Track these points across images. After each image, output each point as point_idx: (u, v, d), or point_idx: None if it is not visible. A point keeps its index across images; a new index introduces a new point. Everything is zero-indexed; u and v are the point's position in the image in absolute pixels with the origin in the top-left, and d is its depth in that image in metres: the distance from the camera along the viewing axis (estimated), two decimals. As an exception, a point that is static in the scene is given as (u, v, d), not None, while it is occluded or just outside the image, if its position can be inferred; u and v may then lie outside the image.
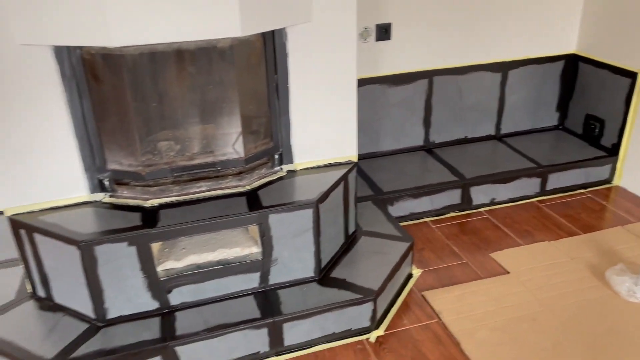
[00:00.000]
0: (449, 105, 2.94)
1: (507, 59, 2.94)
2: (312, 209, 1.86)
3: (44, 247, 1.77)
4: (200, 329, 1.76)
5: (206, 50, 1.77)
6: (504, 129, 3.12)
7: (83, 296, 1.78)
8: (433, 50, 2.79)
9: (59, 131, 1.76)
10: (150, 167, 1.85)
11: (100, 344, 1.72)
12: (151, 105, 1.83)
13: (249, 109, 1.91)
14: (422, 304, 2.10)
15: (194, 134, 1.96)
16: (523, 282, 2.15)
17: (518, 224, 2.60)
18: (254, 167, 1.99)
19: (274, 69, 1.88)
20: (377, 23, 2.65)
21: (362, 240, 2.21)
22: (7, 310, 1.88)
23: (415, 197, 2.61)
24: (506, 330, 1.92)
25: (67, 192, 1.84)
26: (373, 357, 1.86)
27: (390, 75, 2.77)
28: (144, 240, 1.72)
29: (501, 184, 2.73)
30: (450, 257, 2.36)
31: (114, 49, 1.65)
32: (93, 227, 1.73)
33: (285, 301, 1.88)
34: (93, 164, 1.83)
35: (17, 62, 1.63)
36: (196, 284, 1.84)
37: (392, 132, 2.90)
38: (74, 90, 1.72)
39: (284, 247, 1.89)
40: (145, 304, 1.81)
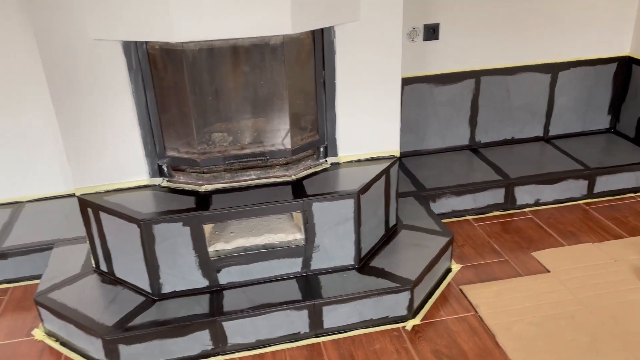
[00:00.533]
0: (496, 105, 2.96)
1: (557, 60, 2.92)
2: (353, 199, 1.95)
3: (108, 224, 1.94)
4: (245, 306, 1.89)
5: (259, 46, 1.89)
6: (552, 130, 3.10)
7: (141, 271, 1.94)
8: (481, 51, 2.82)
9: (125, 120, 1.92)
10: (204, 155, 1.99)
11: (155, 316, 1.87)
12: (207, 98, 1.97)
13: (297, 103, 2.02)
14: (460, 297, 2.14)
15: (245, 126, 2.08)
16: (563, 281, 2.16)
17: (562, 225, 2.59)
18: (300, 158, 2.10)
19: (321, 65, 1.98)
20: (425, 23, 2.71)
21: (402, 233, 2.28)
22: (73, 282, 2.06)
23: (458, 194, 2.64)
24: (543, 325, 1.94)
25: (130, 176, 2.00)
26: (408, 344, 1.93)
27: (437, 75, 2.82)
28: (197, 222, 1.86)
29: (547, 185, 2.72)
30: (490, 254, 2.39)
31: (176, 44, 1.80)
32: (152, 207, 1.89)
33: (325, 286, 1.97)
34: (154, 151, 1.99)
35: (90, 56, 1.81)
36: (243, 265, 1.97)
37: (437, 130, 2.95)
38: (139, 82, 1.88)
39: (326, 235, 1.99)
40: (196, 281, 1.95)
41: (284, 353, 1.91)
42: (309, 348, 1.93)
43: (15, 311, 2.16)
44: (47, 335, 2.02)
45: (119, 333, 1.80)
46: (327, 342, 1.95)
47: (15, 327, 2.08)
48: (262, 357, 1.90)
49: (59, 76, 1.82)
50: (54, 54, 1.79)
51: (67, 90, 1.84)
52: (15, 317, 2.13)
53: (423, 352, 1.89)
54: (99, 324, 1.84)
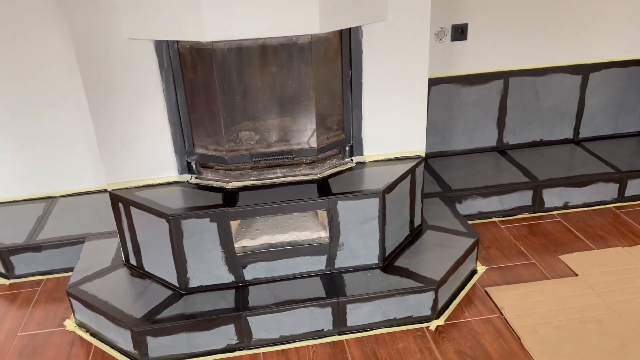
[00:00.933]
0: (524, 106, 2.93)
1: (588, 61, 2.88)
2: (378, 198, 1.96)
3: (138, 219, 1.99)
4: (270, 302, 1.91)
5: (287, 46, 1.92)
6: (582, 133, 3.05)
7: (169, 266, 1.98)
8: (510, 51, 2.79)
9: (156, 117, 1.97)
10: (232, 153, 2.02)
11: (182, 309, 1.91)
12: (235, 97, 2.00)
13: (323, 102, 2.04)
14: (485, 299, 2.13)
15: (272, 125, 2.11)
16: (591, 285, 2.13)
17: (591, 228, 2.55)
18: (325, 157, 2.12)
19: (348, 64, 2.00)
20: (453, 23, 2.70)
21: (427, 233, 2.27)
22: (104, 275, 2.12)
23: (485, 196, 2.62)
24: (570, 329, 1.92)
25: (160, 172, 2.05)
26: (432, 344, 1.93)
27: (464, 75, 2.81)
28: (224, 218, 1.89)
29: (576, 188, 2.68)
30: (517, 257, 2.37)
31: (206, 43, 1.84)
32: (181, 203, 1.93)
33: (349, 284, 1.98)
34: (183, 148, 2.04)
35: (123, 55, 1.86)
36: (268, 262, 1.99)
37: (464, 131, 2.93)
38: (169, 81, 1.92)
39: (350, 233, 2.00)
40: (222, 276, 1.99)
41: (307, 349, 1.93)
42: (332, 345, 1.94)
43: (48, 302, 2.24)
44: (78, 326, 2.08)
45: (147, 325, 1.84)
46: (350, 340, 1.96)
47: (47, 318, 2.15)
48: (285, 353, 1.92)
49: (94, 75, 1.88)
50: (90, 54, 1.85)
51: (101, 89, 1.90)
52: (48, 308, 2.20)
53: (447, 353, 1.88)
54: (128, 316, 1.89)
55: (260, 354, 1.92)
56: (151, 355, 1.89)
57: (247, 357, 1.91)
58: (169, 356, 1.90)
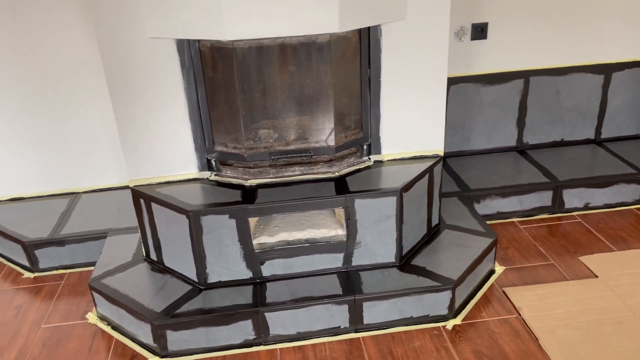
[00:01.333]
0: (545, 106, 2.90)
1: (610, 60, 2.84)
2: (395, 197, 1.96)
3: (158, 215, 2.02)
4: (287, 299, 1.93)
5: (306, 45, 1.94)
6: (604, 133, 3.01)
7: (188, 261, 2.02)
8: (530, 50, 2.77)
9: (177, 115, 2.00)
10: (251, 151, 2.04)
11: (201, 304, 1.94)
12: (255, 95, 2.02)
13: (342, 101, 2.05)
14: (503, 299, 2.12)
15: (291, 123, 2.13)
16: (611, 287, 2.10)
17: (613, 230, 2.51)
18: (343, 155, 2.13)
19: (367, 63, 2.01)
20: (473, 22, 2.68)
21: (444, 232, 2.27)
22: (125, 269, 2.16)
23: (503, 196, 2.61)
24: (588, 330, 1.90)
25: (180, 169, 2.09)
26: (449, 343, 1.92)
27: (484, 75, 2.79)
28: (242, 214, 1.91)
29: (597, 189, 2.65)
30: (535, 257, 2.35)
31: (226, 42, 1.86)
32: (200, 200, 1.96)
33: (366, 282, 1.99)
34: (203, 146, 2.07)
35: (146, 54, 1.90)
36: (286, 258, 2.01)
37: (483, 131, 2.91)
38: (190, 79, 1.96)
39: (368, 231, 2.01)
40: (240, 272, 2.01)
41: (323, 346, 1.94)
42: (349, 342, 1.95)
43: (71, 295, 2.29)
44: (99, 319, 2.13)
45: (167, 319, 1.88)
46: (366, 337, 1.97)
47: (70, 311, 2.20)
48: (302, 349, 1.94)
49: (118, 74, 1.92)
50: (114, 53, 1.89)
51: (125, 87, 1.94)
52: (71, 301, 2.25)
53: (463, 352, 1.88)
54: (148, 310, 1.92)
55: (277, 349, 1.94)
56: (170, 349, 1.92)
57: (264, 353, 1.93)
58: (188, 350, 1.93)
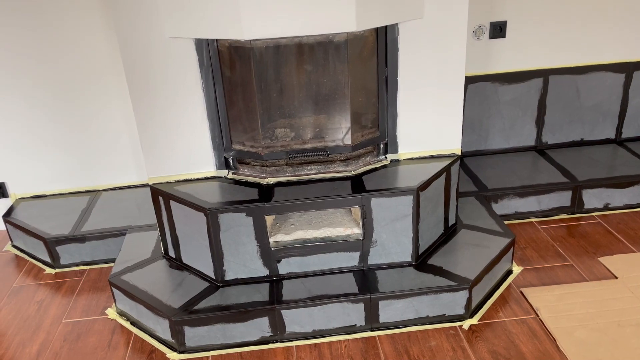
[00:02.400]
0: (564, 105, 2.87)
1: (632, 59, 2.80)
2: (412, 196, 1.96)
3: (177, 212, 2.05)
4: (303, 296, 1.94)
5: (323, 44, 1.94)
6: (625, 132, 2.97)
7: (206, 258, 2.04)
8: (550, 49, 2.74)
9: (195, 114, 2.03)
10: (268, 149, 2.06)
11: (218, 301, 1.96)
12: (272, 95, 2.04)
13: (359, 100, 2.06)
14: (520, 299, 2.10)
15: (308, 122, 2.14)
16: (631, 288, 2.07)
17: (633, 230, 2.48)
18: (360, 154, 2.13)
19: (384, 62, 2.01)
20: (491, 21, 2.67)
21: (461, 232, 2.26)
22: (144, 266, 2.19)
23: (522, 196, 2.59)
24: (607, 332, 1.88)
25: (198, 167, 2.11)
26: (465, 343, 1.92)
27: (502, 73, 2.77)
28: (259, 212, 1.93)
29: (617, 189, 2.61)
30: (554, 258, 2.33)
31: (244, 42, 1.88)
32: (218, 198, 1.98)
33: (382, 281, 2.00)
34: (221, 144, 2.09)
35: (165, 53, 1.92)
36: (302, 256, 2.03)
37: (501, 130, 2.89)
38: (209, 78, 1.98)
39: (384, 230, 2.01)
40: (257, 270, 2.03)
41: (339, 344, 1.95)
42: (365, 341, 1.96)
43: (91, 291, 2.33)
44: (119, 314, 2.16)
45: (185, 315, 1.90)
46: (382, 336, 1.97)
47: (90, 306, 2.24)
48: (318, 347, 1.95)
49: (138, 73, 1.95)
50: (133, 52, 1.92)
51: (144, 86, 1.97)
52: (91, 297, 2.29)
53: (480, 352, 1.87)
54: (166, 306, 1.95)
55: (293, 347, 1.96)
56: (188, 345, 1.95)
57: (281, 350, 1.95)
58: (205, 346, 1.95)
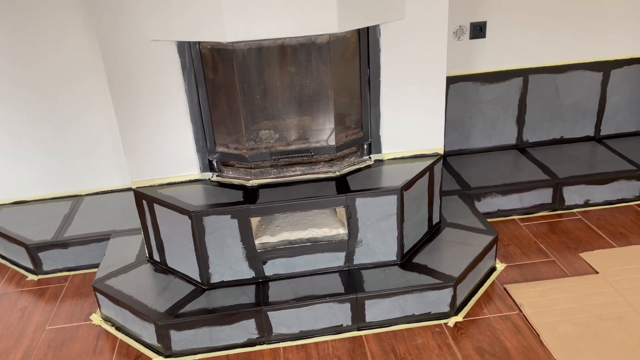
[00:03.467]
0: (544, 104, 2.91)
1: (609, 58, 2.85)
2: (396, 195, 1.98)
3: (161, 216, 2.04)
4: (290, 298, 1.94)
5: (306, 45, 1.95)
6: (604, 130, 3.02)
7: (191, 262, 2.03)
8: (529, 49, 2.79)
9: (178, 116, 2.02)
10: (252, 151, 2.06)
11: (204, 304, 1.95)
12: (255, 96, 2.04)
13: (342, 101, 2.07)
14: (504, 296, 2.13)
15: (292, 124, 2.14)
16: (612, 283, 2.11)
17: (613, 226, 2.52)
18: (344, 155, 2.14)
19: (366, 63, 2.02)
20: (472, 21, 2.70)
21: (445, 230, 2.28)
22: (128, 270, 2.18)
23: (504, 194, 2.62)
24: (589, 326, 1.91)
25: (182, 170, 2.10)
26: (450, 340, 1.94)
27: (483, 73, 2.80)
28: (244, 214, 1.93)
29: (597, 186, 2.66)
30: (536, 254, 2.36)
31: (227, 44, 1.88)
32: (202, 200, 1.98)
33: (367, 280, 2.01)
34: (204, 147, 2.08)
35: (147, 55, 1.91)
36: (288, 258, 2.03)
37: (483, 129, 2.93)
38: (191, 81, 1.97)
39: (369, 230, 2.02)
40: (243, 272, 2.03)
41: (326, 344, 1.96)
42: (351, 340, 1.96)
43: (75, 297, 2.30)
44: (103, 320, 2.14)
45: (171, 319, 1.89)
46: (369, 335, 1.98)
47: (74, 312, 2.21)
48: (305, 347, 1.95)
49: (119, 76, 1.93)
50: (115, 55, 1.90)
51: (126, 89, 1.96)
52: (75, 303, 2.27)
53: (465, 349, 1.89)
54: (152, 310, 1.94)
55: (280, 348, 1.96)
56: (174, 349, 1.94)
57: (268, 352, 1.95)
58: (192, 350, 1.94)
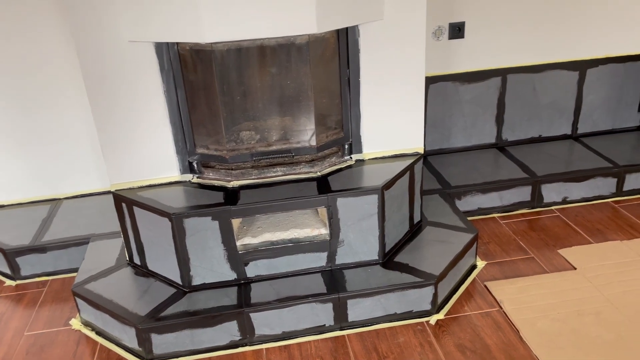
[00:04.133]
0: (523, 103, 2.95)
1: (585, 57, 2.90)
2: (377, 195, 1.99)
3: (141, 219, 2.02)
4: (272, 299, 1.94)
5: (285, 46, 1.95)
6: (581, 128, 3.08)
7: (172, 264, 2.01)
8: (507, 49, 2.82)
9: (157, 118, 2.00)
10: (233, 152, 2.05)
11: (186, 306, 1.94)
12: (235, 97, 2.03)
13: (322, 101, 2.07)
14: (484, 293, 2.15)
15: (272, 124, 2.14)
16: (589, 278, 2.15)
17: (590, 222, 2.57)
18: (325, 155, 2.15)
19: (346, 63, 2.03)
20: (450, 22, 2.72)
21: (426, 229, 2.30)
22: (108, 274, 2.15)
23: (484, 192, 2.65)
24: (568, 322, 1.94)
25: (162, 172, 2.09)
26: (432, 338, 1.95)
27: (462, 73, 2.83)
28: (225, 216, 1.92)
29: (574, 183, 2.70)
30: (516, 252, 2.39)
31: (205, 45, 1.87)
32: (183, 202, 1.96)
33: (349, 280, 2.01)
34: (184, 148, 2.07)
35: (124, 57, 1.90)
36: (270, 259, 2.02)
37: (463, 129, 2.96)
38: (170, 82, 1.96)
39: (350, 230, 2.03)
40: (224, 274, 2.02)
41: (309, 345, 1.96)
42: (334, 340, 1.97)
43: (54, 302, 2.27)
44: (83, 324, 2.11)
45: (152, 322, 1.88)
46: (351, 334, 1.99)
47: (53, 317, 2.18)
48: (288, 348, 1.95)
49: (97, 78, 1.91)
50: (92, 57, 1.88)
51: (104, 91, 1.93)
52: (54, 308, 2.24)
53: (447, 346, 1.91)
54: (132, 314, 1.92)
55: (263, 349, 1.95)
56: (156, 352, 1.92)
57: (250, 353, 1.94)
58: (173, 353, 1.93)
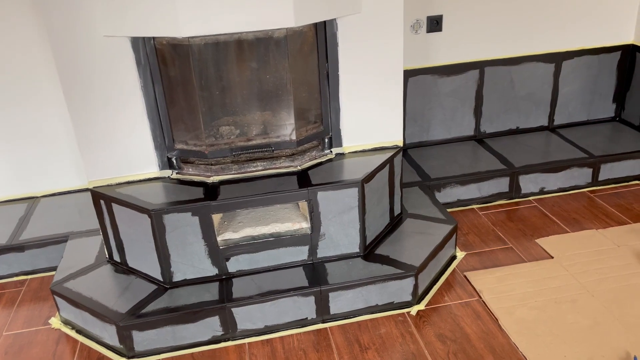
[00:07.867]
0: (500, 95, 2.98)
1: (561, 49, 2.94)
2: (357, 188, 2.00)
3: (120, 216, 2.00)
4: (254, 293, 1.94)
5: (263, 40, 1.94)
6: (557, 120, 3.12)
7: (152, 261, 2.00)
8: (484, 41, 2.85)
9: (135, 114, 1.98)
10: (212, 147, 2.04)
11: (167, 303, 1.93)
12: (214, 92, 2.02)
13: (301, 95, 2.07)
14: (464, 283, 2.18)
15: (252, 119, 2.13)
16: (566, 267, 2.19)
17: (567, 212, 2.62)
18: (305, 149, 2.15)
19: (325, 57, 2.03)
20: (428, 15, 2.74)
21: (407, 221, 2.32)
22: (88, 272, 2.13)
23: (463, 184, 2.68)
24: (545, 309, 1.98)
25: (140, 168, 2.07)
26: (413, 328, 1.97)
27: (441, 66, 2.85)
28: (205, 211, 1.91)
29: (551, 174, 2.75)
30: (494, 242, 2.43)
31: (182, 39, 1.85)
32: (162, 198, 1.95)
33: (331, 273, 2.02)
34: (163, 144, 2.05)
35: (100, 52, 1.87)
36: (251, 253, 2.02)
37: (442, 121, 2.98)
38: (147, 77, 1.94)
39: (331, 223, 2.04)
40: (205, 269, 2.01)
41: (291, 338, 1.97)
42: (316, 333, 1.98)
43: (33, 301, 2.24)
44: (63, 323, 2.09)
45: (132, 320, 1.87)
46: (333, 327, 2.00)
47: (32, 317, 2.15)
48: (270, 342, 1.96)
49: (72, 73, 1.88)
50: (67, 51, 1.85)
51: (79, 86, 1.91)
52: (33, 307, 2.21)
53: (427, 336, 1.93)
54: (113, 312, 1.91)
55: (246, 344, 1.95)
56: (137, 350, 1.91)
57: (233, 348, 1.94)
58: (155, 349, 1.92)
